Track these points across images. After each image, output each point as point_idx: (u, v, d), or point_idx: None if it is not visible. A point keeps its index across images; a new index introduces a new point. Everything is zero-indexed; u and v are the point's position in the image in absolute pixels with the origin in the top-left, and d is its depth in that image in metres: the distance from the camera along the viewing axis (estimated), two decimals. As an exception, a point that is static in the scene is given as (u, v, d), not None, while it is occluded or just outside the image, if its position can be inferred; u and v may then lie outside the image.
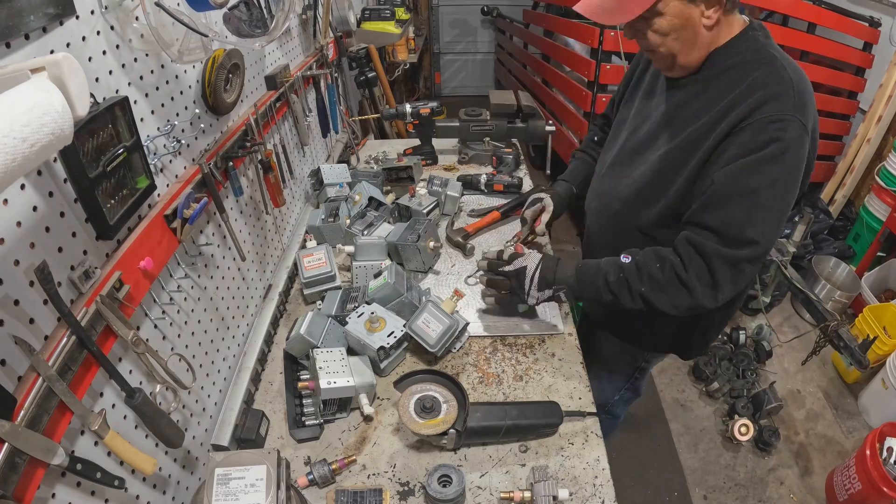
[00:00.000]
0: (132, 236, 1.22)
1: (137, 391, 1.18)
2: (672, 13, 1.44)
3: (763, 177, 1.42)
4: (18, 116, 0.69)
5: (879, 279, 4.02)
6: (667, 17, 1.45)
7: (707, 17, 1.45)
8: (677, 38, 1.49)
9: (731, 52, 1.53)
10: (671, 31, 1.48)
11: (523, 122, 3.03)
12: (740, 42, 1.52)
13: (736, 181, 1.44)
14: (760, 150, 1.41)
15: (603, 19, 1.50)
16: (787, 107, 1.40)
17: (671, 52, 1.53)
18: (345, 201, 2.37)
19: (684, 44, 1.50)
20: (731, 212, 1.45)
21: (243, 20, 1.47)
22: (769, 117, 1.40)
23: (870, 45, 4.45)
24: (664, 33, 1.49)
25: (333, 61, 2.95)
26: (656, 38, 1.51)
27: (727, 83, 1.51)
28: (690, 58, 1.54)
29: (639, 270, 1.59)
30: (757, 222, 1.45)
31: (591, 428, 1.63)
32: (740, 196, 1.44)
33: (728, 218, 1.46)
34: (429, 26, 7.87)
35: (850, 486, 2.79)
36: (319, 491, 1.47)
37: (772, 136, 1.40)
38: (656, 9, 1.44)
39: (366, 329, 1.74)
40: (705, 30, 1.48)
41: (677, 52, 1.52)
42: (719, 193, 1.47)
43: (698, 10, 1.45)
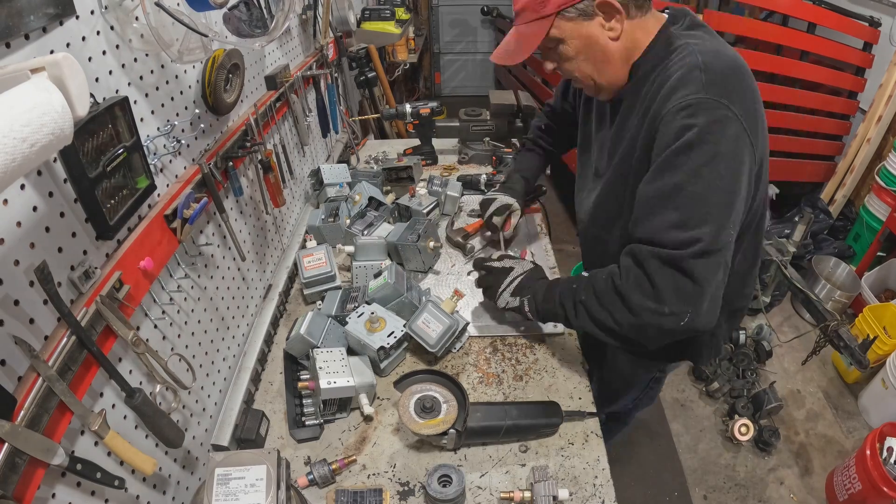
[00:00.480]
0: (132, 236, 1.22)
1: (137, 391, 1.18)
2: (570, 35, 1.43)
3: (682, 170, 1.31)
4: (18, 116, 0.69)
5: (879, 279, 4.02)
6: (567, 41, 1.45)
7: (610, 28, 1.42)
8: (587, 59, 1.48)
9: (650, 57, 1.47)
10: (577, 53, 1.47)
11: (523, 122, 3.03)
12: (656, 44, 1.46)
13: (652, 184, 1.37)
14: (673, 142, 1.31)
15: (507, 61, 1.56)
16: (693, 90, 1.31)
17: (585, 73, 1.52)
18: (345, 201, 2.37)
19: (596, 63, 1.49)
20: (659, 219, 1.34)
21: (243, 20, 1.47)
22: (676, 106, 1.32)
23: (870, 44, 4.44)
24: (570, 58, 1.49)
25: (333, 61, 2.95)
26: (569, 65, 1.52)
27: (646, 90, 1.45)
28: (608, 76, 1.51)
29: (587, 281, 1.54)
30: (690, 222, 1.30)
31: (591, 428, 1.63)
32: (660, 201, 1.35)
33: (656, 225, 1.35)
34: (429, 26, 7.86)
35: (850, 486, 2.79)
36: (319, 491, 1.47)
37: (682, 125, 1.30)
38: (552, 36, 1.45)
39: (366, 329, 1.74)
40: (613, 42, 1.44)
41: (592, 73, 1.51)
42: (641, 203, 1.40)
43: (596, 24, 1.42)
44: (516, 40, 1.52)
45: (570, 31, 1.42)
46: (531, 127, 2.35)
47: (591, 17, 1.40)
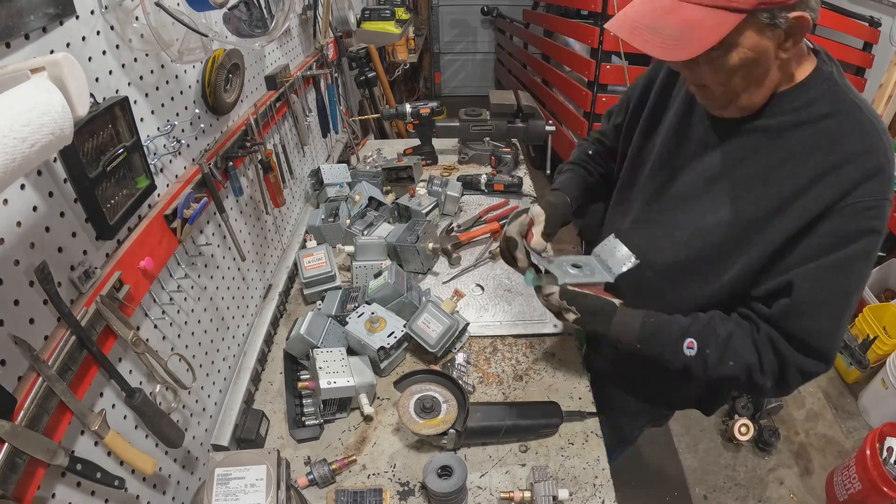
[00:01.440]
0: (132, 236, 1.22)
1: (137, 391, 1.18)
2: (748, 45, 1.12)
3: (854, 277, 1.20)
4: (18, 116, 0.69)
5: (879, 279, 4.02)
6: (739, 50, 1.13)
7: (784, 49, 1.15)
8: (745, 76, 1.18)
9: (803, 97, 1.23)
10: (741, 67, 1.16)
11: (523, 122, 3.03)
12: (814, 84, 1.23)
13: (826, 286, 1.21)
14: (852, 243, 1.17)
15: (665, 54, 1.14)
16: (884, 187, 1.15)
17: (734, 90, 1.22)
18: (345, 201, 2.37)
19: (751, 82, 1.20)
20: (818, 322, 1.23)
21: (243, 20, 1.47)
22: (865, 203, 1.15)
23: (870, 45, 4.44)
24: (731, 70, 1.16)
25: (333, 61, 2.95)
26: (717, 76, 1.20)
27: (805, 140, 1.22)
28: (755, 98, 1.24)
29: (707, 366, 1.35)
30: (842, 328, 1.24)
31: (591, 428, 1.63)
32: (831, 304, 1.22)
33: (814, 330, 1.24)
34: (429, 26, 7.87)
35: (850, 485, 2.79)
36: (319, 491, 1.47)
37: (866, 227, 1.16)
38: (729, 40, 1.11)
39: (366, 329, 1.74)
40: (776, 67, 1.18)
41: (741, 91, 1.22)
42: (807, 302, 1.23)
43: (774, 42, 1.13)
44: (683, 27, 1.10)
45: (750, 41, 1.12)
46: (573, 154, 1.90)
47: (775, 32, 1.11)
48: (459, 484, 1.36)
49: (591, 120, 4.40)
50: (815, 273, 1.21)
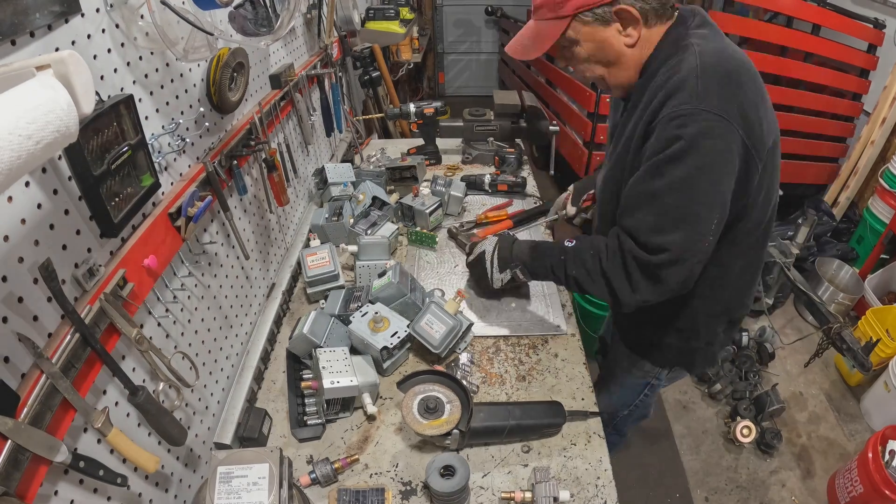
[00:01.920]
0: (136, 234, 1.22)
1: (141, 389, 1.18)
2: (585, 38, 1.45)
3: (664, 179, 1.37)
4: (24, 114, 0.69)
5: (883, 281, 4.01)
6: (582, 43, 1.46)
7: (627, 35, 1.43)
8: (598, 62, 1.50)
9: (656, 55, 1.48)
10: (590, 55, 1.48)
11: (527, 123, 3.03)
12: (664, 41, 1.47)
13: (640, 184, 1.43)
14: (662, 150, 1.36)
15: (522, 55, 1.55)
16: (684, 99, 1.33)
17: (597, 75, 1.54)
18: (348, 200, 2.37)
19: (609, 66, 1.51)
20: (642, 217, 1.43)
21: (249, 19, 1.46)
22: (669, 114, 1.35)
23: (874, 46, 4.43)
24: (584, 59, 1.50)
25: (338, 61, 2.95)
26: (581, 66, 1.54)
27: (651, 88, 1.45)
28: (620, 78, 1.53)
29: (575, 255, 1.61)
30: (666, 228, 1.40)
31: (593, 429, 1.63)
32: (644, 201, 1.42)
33: (639, 223, 1.44)
34: (433, 26, 7.86)
35: (851, 488, 2.78)
36: (322, 490, 1.48)
37: (672, 135, 1.34)
38: (567, 37, 1.45)
39: (369, 329, 1.74)
40: (628, 48, 1.46)
41: (603, 74, 1.53)
42: (629, 197, 1.48)
43: (613, 30, 1.43)
44: (532, 36, 1.52)
45: (586, 35, 1.44)
46: None
47: (607, 23, 1.41)
48: (462, 484, 1.36)
49: (595, 121, 4.40)
50: (636, 175, 1.45)
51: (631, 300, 1.50)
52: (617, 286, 1.50)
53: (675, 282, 1.45)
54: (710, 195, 1.37)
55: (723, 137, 1.32)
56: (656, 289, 1.47)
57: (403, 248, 2.38)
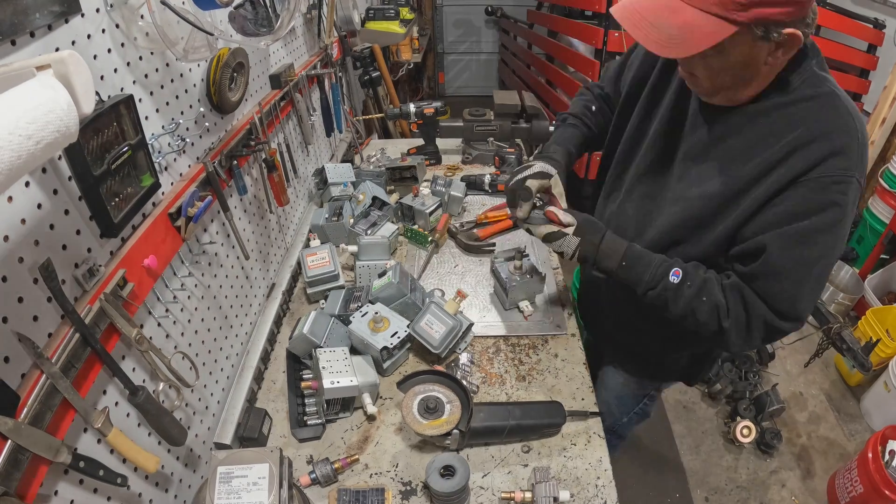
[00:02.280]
0: (136, 234, 1.22)
1: (141, 389, 1.18)
2: (737, 51, 1.22)
3: (819, 248, 1.29)
4: (24, 114, 0.69)
5: (883, 282, 4.01)
6: (731, 55, 1.23)
7: (774, 57, 1.24)
8: (733, 76, 1.30)
9: (787, 85, 1.32)
10: (730, 68, 1.27)
11: (527, 123, 3.03)
12: (796, 72, 1.31)
13: (792, 253, 1.30)
14: (817, 214, 1.25)
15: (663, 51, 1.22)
16: (851, 164, 1.23)
17: (719, 85, 1.34)
18: (349, 200, 2.37)
19: (737, 80, 1.31)
20: (784, 286, 1.33)
21: (249, 19, 1.46)
22: (832, 177, 1.23)
23: (874, 46, 4.44)
24: (721, 70, 1.28)
25: (338, 61, 2.95)
26: (704, 71, 1.32)
27: (783, 121, 1.31)
28: (744, 94, 1.35)
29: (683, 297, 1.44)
30: (806, 295, 1.33)
31: (593, 429, 1.63)
32: (795, 270, 1.31)
33: (780, 292, 1.34)
34: (433, 26, 7.86)
35: (851, 488, 2.79)
36: (322, 490, 1.48)
37: (832, 200, 1.24)
38: (722, 45, 1.19)
39: (369, 329, 1.74)
40: (766, 70, 1.28)
41: (728, 86, 1.33)
42: (774, 265, 1.32)
43: (766, 50, 1.22)
44: (682, 28, 1.18)
45: (742, 49, 1.22)
46: (576, 103, 2.01)
47: (767, 42, 1.20)
48: (462, 483, 1.36)
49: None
50: (783, 239, 1.30)
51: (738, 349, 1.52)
52: (732, 339, 1.42)
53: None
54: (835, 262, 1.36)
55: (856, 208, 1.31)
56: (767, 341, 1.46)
57: (403, 248, 2.38)
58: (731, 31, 1.16)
